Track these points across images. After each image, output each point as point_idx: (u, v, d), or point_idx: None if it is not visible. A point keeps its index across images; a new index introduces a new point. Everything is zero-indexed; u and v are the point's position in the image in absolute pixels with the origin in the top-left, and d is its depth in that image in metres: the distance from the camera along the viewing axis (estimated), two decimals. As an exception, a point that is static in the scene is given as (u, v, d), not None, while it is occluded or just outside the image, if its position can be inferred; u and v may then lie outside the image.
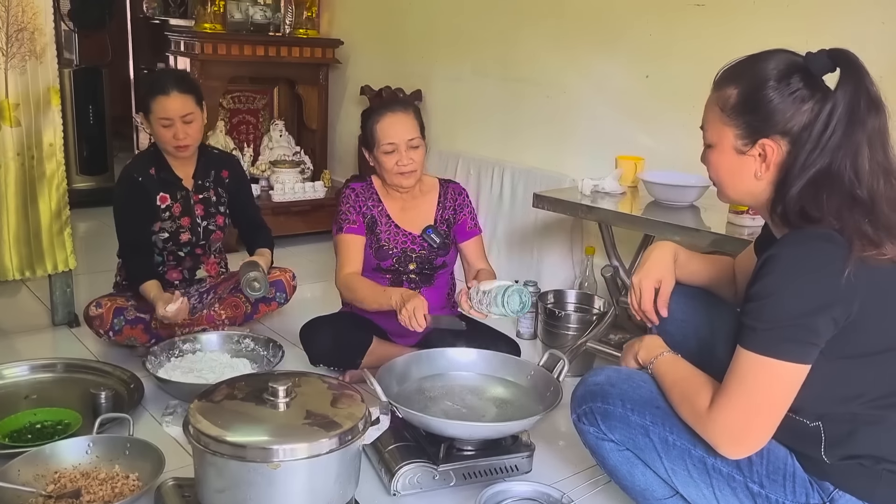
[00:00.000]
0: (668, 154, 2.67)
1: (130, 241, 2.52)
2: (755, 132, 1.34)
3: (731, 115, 1.36)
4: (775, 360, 1.27)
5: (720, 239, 2.07)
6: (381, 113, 2.32)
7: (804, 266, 1.25)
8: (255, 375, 1.92)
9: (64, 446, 1.78)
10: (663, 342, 1.58)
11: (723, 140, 1.38)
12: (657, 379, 1.51)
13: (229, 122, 4.32)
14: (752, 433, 1.33)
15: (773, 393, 1.29)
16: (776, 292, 1.26)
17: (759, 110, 1.32)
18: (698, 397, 1.38)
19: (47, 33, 2.50)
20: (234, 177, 2.69)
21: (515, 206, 3.25)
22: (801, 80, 1.31)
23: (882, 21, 2.20)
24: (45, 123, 2.55)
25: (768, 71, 1.32)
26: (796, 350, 1.26)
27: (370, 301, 2.24)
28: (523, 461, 1.92)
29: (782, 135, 1.32)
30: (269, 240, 2.71)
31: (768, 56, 1.35)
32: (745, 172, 1.38)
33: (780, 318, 1.26)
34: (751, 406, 1.31)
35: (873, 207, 1.27)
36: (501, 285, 2.00)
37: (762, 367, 1.28)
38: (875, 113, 1.28)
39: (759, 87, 1.32)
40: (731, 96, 1.36)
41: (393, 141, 2.29)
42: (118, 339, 2.41)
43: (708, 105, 1.43)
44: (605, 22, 2.94)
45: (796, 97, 1.30)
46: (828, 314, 1.24)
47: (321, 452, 1.45)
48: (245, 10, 4.31)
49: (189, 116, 2.46)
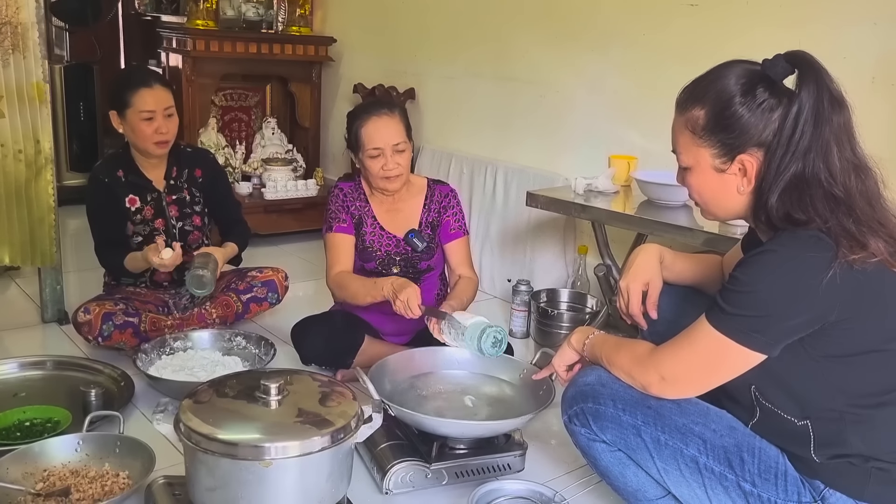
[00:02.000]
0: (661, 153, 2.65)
1: (104, 239, 2.51)
2: (732, 149, 1.35)
3: (703, 136, 1.37)
4: (734, 343, 1.31)
5: (713, 238, 2.08)
6: (365, 116, 2.29)
7: (786, 268, 1.26)
8: (247, 373, 1.92)
9: (53, 444, 1.77)
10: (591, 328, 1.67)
11: (700, 161, 1.39)
12: (595, 353, 1.57)
13: (221, 120, 4.30)
14: (686, 386, 1.41)
15: (721, 368, 1.36)
16: (755, 286, 1.28)
17: (732, 128, 1.33)
18: (638, 346, 1.48)
19: (31, 28, 2.49)
20: (207, 174, 2.66)
21: (508, 204, 3.24)
22: (765, 90, 1.31)
23: (874, 22, 2.20)
24: (31, 118, 2.54)
25: (731, 87, 1.33)
26: (759, 341, 1.30)
27: (363, 295, 2.23)
28: (516, 460, 1.92)
29: (757, 146, 1.33)
30: (243, 236, 2.67)
31: (727, 71, 1.35)
32: (729, 189, 1.39)
33: (751, 310, 1.29)
34: (695, 369, 1.38)
35: (851, 204, 1.28)
36: (478, 323, 1.99)
37: (720, 344, 1.32)
38: (839, 109, 1.30)
39: (726, 104, 1.33)
40: (700, 117, 1.36)
41: (378, 146, 2.26)
42: (107, 344, 2.38)
43: (676, 128, 1.43)
44: (598, 21, 2.94)
45: (764, 107, 1.31)
46: (801, 317, 1.26)
47: (313, 450, 1.44)
48: (237, 7, 4.30)
49: (170, 110, 2.45)
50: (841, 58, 2.24)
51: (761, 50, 1.45)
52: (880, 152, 1.40)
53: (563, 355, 1.68)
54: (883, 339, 1.30)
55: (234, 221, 2.69)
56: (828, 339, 1.29)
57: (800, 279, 1.25)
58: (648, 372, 1.43)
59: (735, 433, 1.42)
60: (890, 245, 1.27)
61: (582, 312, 2.76)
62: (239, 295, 2.60)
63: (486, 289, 3.34)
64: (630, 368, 1.47)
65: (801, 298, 1.25)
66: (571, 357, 1.68)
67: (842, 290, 1.24)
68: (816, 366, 1.31)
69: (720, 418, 1.44)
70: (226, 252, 2.53)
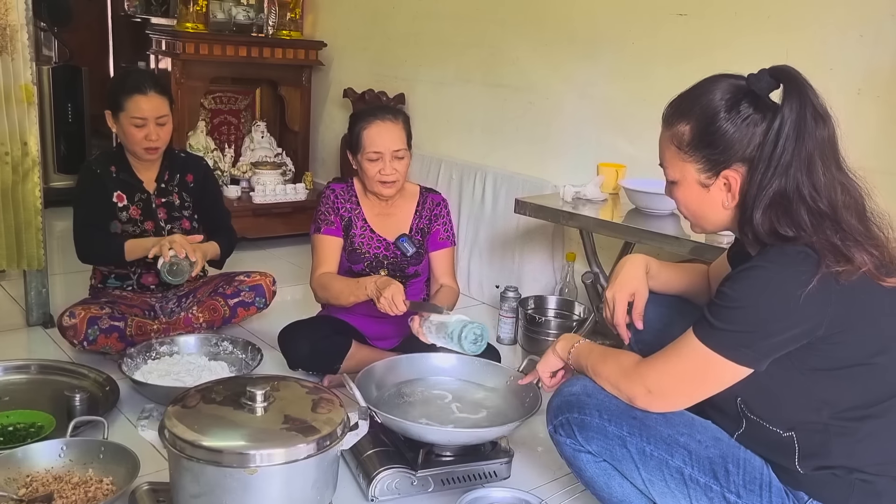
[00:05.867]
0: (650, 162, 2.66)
1: (89, 223, 2.46)
2: (716, 165, 1.35)
3: (688, 151, 1.37)
4: (721, 358, 1.31)
5: (700, 247, 2.09)
6: (371, 119, 2.31)
7: (775, 284, 1.27)
8: (233, 379, 1.91)
9: (36, 449, 1.75)
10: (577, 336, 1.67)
11: (686, 176, 1.40)
12: (580, 362, 1.57)
13: (210, 123, 4.29)
14: (672, 399, 1.41)
15: (707, 380, 1.36)
16: (742, 301, 1.29)
17: (717, 143, 1.34)
18: (625, 357, 1.48)
19: (21, 30, 2.48)
20: (199, 180, 2.66)
21: (497, 211, 3.25)
22: (749, 105, 1.32)
23: (860, 34, 2.22)
24: (18, 120, 2.52)
25: (716, 102, 1.34)
26: (746, 355, 1.30)
27: (346, 295, 2.23)
28: (502, 467, 1.92)
29: (741, 162, 1.33)
30: (228, 242, 2.64)
31: (712, 86, 1.36)
32: (714, 204, 1.39)
33: (739, 326, 1.29)
34: (681, 379, 1.38)
35: (837, 218, 1.29)
36: (460, 320, 2.00)
37: (707, 358, 1.33)
38: (822, 124, 1.30)
39: (711, 120, 1.33)
40: (685, 133, 1.37)
41: (379, 150, 2.28)
42: (92, 348, 2.35)
43: (662, 143, 1.44)
44: (588, 29, 2.95)
45: (749, 122, 1.31)
46: (788, 333, 1.27)
47: (299, 458, 1.44)
48: (228, 11, 4.29)
49: (163, 119, 2.45)
50: (827, 69, 2.26)
51: (748, 59, 1.47)
52: (866, 163, 1.41)
53: (548, 362, 1.69)
54: (869, 353, 1.31)
55: (222, 228, 2.67)
56: (815, 353, 1.30)
57: (788, 295, 1.25)
58: (635, 384, 1.43)
59: (720, 444, 1.43)
60: (875, 258, 1.27)
61: (569, 319, 2.77)
62: (226, 299, 2.59)
63: (474, 294, 3.34)
64: (616, 380, 1.47)
65: (790, 314, 1.26)
66: (556, 364, 1.68)
67: (829, 304, 1.24)
68: (803, 378, 1.32)
69: (705, 429, 1.44)
70: (206, 247, 2.51)
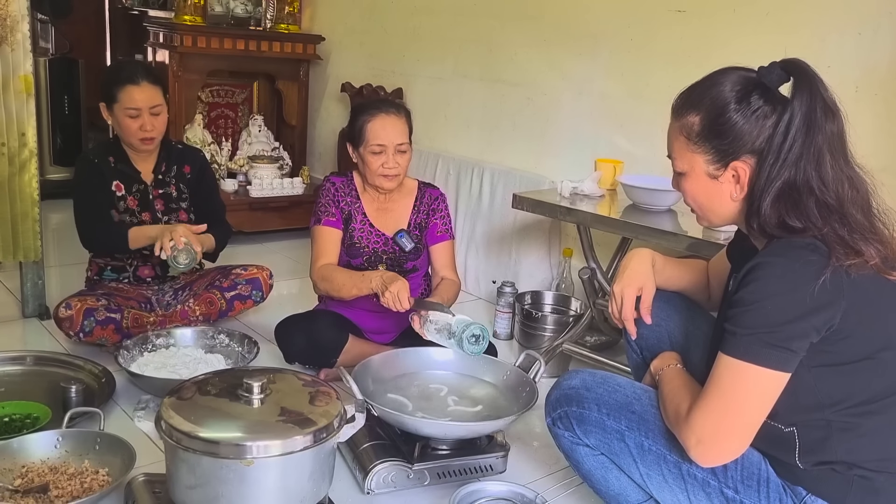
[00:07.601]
0: (647, 158, 2.69)
1: (92, 216, 2.46)
2: (725, 156, 1.35)
3: (697, 142, 1.37)
4: (754, 366, 1.27)
5: (697, 243, 2.09)
6: (374, 112, 2.31)
7: (788, 276, 1.26)
8: (230, 371, 1.91)
9: (32, 440, 1.75)
10: (677, 356, 1.60)
11: (694, 167, 1.39)
12: (660, 387, 1.52)
13: (207, 116, 4.28)
14: (724, 439, 1.32)
15: (749, 399, 1.29)
16: (759, 300, 1.26)
17: (726, 135, 1.33)
18: (683, 402, 1.39)
19: (22, 21, 2.47)
20: (196, 172, 2.66)
21: (494, 206, 3.25)
22: (760, 97, 1.32)
23: (858, 32, 2.22)
24: (16, 112, 2.51)
25: (727, 93, 1.33)
26: (776, 357, 1.26)
27: (349, 287, 2.23)
28: (498, 461, 1.92)
29: (751, 154, 1.33)
30: (223, 235, 2.63)
31: (723, 78, 1.36)
32: (722, 196, 1.39)
33: (761, 325, 1.26)
34: (725, 411, 1.30)
35: (843, 212, 1.29)
36: (461, 320, 2.00)
37: (740, 373, 1.28)
38: (832, 118, 1.30)
39: (721, 111, 1.33)
40: (695, 123, 1.37)
41: (382, 143, 2.29)
42: (88, 340, 2.35)
43: (671, 133, 1.43)
44: (586, 25, 2.95)
45: (759, 115, 1.31)
46: (809, 323, 1.25)
47: (295, 450, 1.44)
48: (226, 4, 4.28)
49: (157, 108, 2.44)
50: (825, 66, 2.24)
51: (747, 56, 1.46)
52: (863, 161, 1.41)
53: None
54: (875, 348, 1.30)
55: (217, 221, 2.66)
56: (823, 349, 1.29)
57: (803, 285, 1.24)
58: (687, 436, 1.35)
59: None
60: (881, 253, 1.27)
61: (566, 315, 2.77)
62: (223, 292, 2.58)
63: (471, 290, 3.34)
64: (673, 426, 1.42)
65: (807, 302, 1.24)
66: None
67: (842, 296, 1.24)
68: (809, 375, 1.31)
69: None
70: (205, 238, 2.49)
